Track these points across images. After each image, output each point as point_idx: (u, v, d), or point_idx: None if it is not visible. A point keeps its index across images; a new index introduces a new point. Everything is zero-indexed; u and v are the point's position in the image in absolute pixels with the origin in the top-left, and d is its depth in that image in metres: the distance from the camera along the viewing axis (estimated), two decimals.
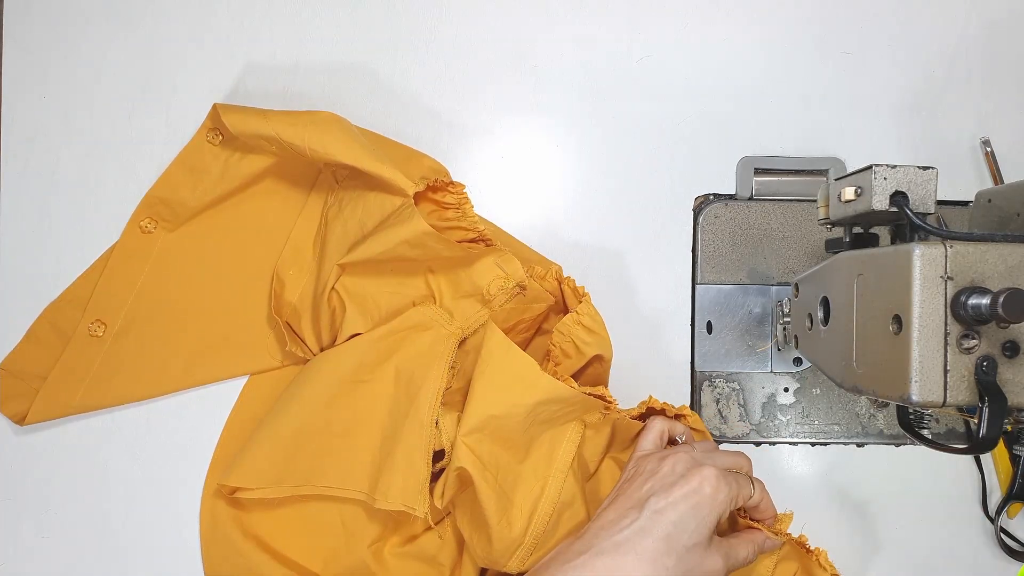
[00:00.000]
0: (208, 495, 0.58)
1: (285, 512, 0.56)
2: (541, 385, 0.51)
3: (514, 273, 0.55)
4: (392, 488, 0.51)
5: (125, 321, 0.58)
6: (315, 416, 0.54)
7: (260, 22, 0.61)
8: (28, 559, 0.58)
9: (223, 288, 0.59)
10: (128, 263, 0.58)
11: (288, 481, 0.53)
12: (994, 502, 0.61)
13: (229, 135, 0.56)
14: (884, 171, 0.43)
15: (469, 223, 0.56)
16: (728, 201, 0.62)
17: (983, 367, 0.39)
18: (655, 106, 0.62)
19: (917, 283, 0.39)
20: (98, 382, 0.57)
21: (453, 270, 0.56)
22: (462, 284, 0.55)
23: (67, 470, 0.58)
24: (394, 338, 0.54)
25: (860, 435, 0.61)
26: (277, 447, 0.53)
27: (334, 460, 0.54)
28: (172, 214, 0.58)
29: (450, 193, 0.56)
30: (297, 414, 0.54)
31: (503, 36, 0.62)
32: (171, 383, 0.58)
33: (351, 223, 0.55)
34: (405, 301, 0.56)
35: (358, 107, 0.61)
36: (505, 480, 0.51)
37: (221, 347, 0.59)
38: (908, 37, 0.63)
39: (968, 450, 0.45)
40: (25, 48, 0.60)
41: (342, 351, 0.55)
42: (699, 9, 0.63)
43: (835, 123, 0.63)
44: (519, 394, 0.51)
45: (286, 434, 0.53)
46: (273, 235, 0.59)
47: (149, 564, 0.58)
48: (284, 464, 0.53)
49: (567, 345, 0.56)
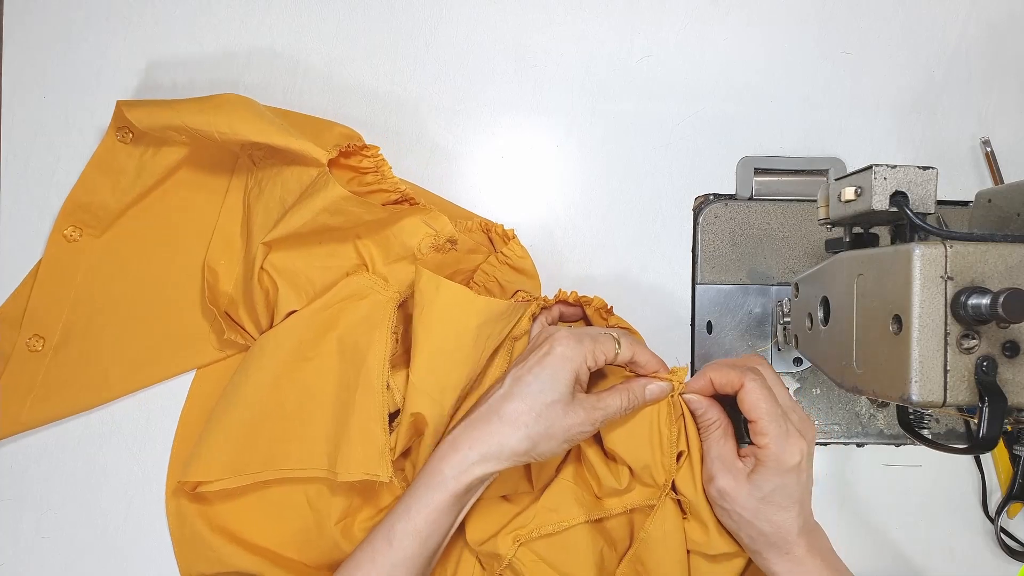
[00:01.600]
0: (170, 494, 0.57)
1: (250, 501, 0.55)
2: (477, 306, 0.51)
3: (443, 229, 0.54)
4: (352, 460, 0.51)
5: (63, 333, 0.57)
6: (265, 400, 0.53)
7: (260, 22, 0.61)
8: (28, 559, 0.58)
9: (158, 287, 0.58)
10: (58, 274, 0.57)
11: (247, 469, 0.53)
12: (994, 502, 0.61)
13: (139, 132, 0.56)
14: (884, 171, 0.43)
15: (390, 184, 0.55)
16: (728, 201, 0.62)
17: (983, 367, 0.39)
18: (655, 106, 0.62)
19: (917, 283, 0.39)
20: (44, 396, 0.57)
21: (382, 235, 0.55)
22: (392, 248, 0.55)
23: (67, 470, 0.58)
24: (331, 311, 0.54)
25: (860, 435, 0.61)
26: (231, 436, 0.53)
27: (290, 441, 0.53)
28: (95, 219, 0.57)
29: (365, 157, 0.55)
30: (246, 401, 0.53)
31: (503, 36, 0.62)
32: (117, 388, 0.58)
33: (272, 202, 0.55)
34: (338, 273, 0.55)
35: (358, 107, 0.61)
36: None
37: (163, 346, 0.58)
38: (908, 37, 0.63)
39: (968, 450, 0.45)
40: (25, 48, 0.60)
41: (281, 330, 0.54)
42: (699, 9, 0.63)
43: (835, 123, 0.63)
44: (460, 320, 0.51)
45: (239, 422, 0.53)
46: (201, 227, 0.58)
47: (149, 564, 0.58)
48: (241, 452, 0.53)
49: (491, 284, 0.56)
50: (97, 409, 0.58)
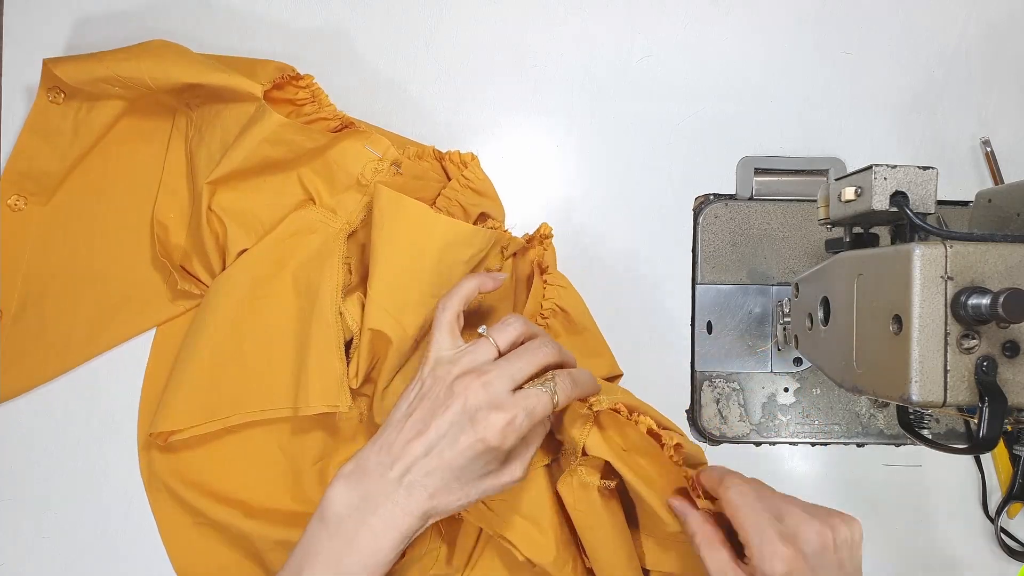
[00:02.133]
0: (141, 449, 0.57)
1: (222, 451, 0.55)
2: (440, 227, 0.51)
3: (386, 152, 0.54)
4: (311, 393, 0.51)
5: (19, 305, 0.57)
6: (224, 342, 0.53)
7: (259, 21, 0.61)
8: (28, 559, 0.58)
9: (110, 247, 0.58)
10: (8, 245, 0.57)
11: (215, 415, 0.53)
12: (994, 502, 0.61)
13: (70, 89, 0.55)
14: (884, 171, 0.43)
15: (329, 112, 0.55)
16: (728, 201, 0.62)
17: (983, 367, 0.39)
18: (655, 106, 0.62)
19: (917, 283, 0.39)
20: (7, 369, 0.57)
21: (323, 163, 0.55)
22: (337, 177, 0.55)
23: (67, 470, 0.58)
24: (282, 247, 0.54)
25: (860, 435, 0.61)
26: (196, 383, 0.53)
27: (254, 382, 0.53)
28: (39, 186, 0.57)
29: (300, 88, 0.55)
30: (207, 344, 0.53)
31: (503, 36, 0.62)
32: (79, 354, 0.58)
33: (214, 145, 0.54)
34: (285, 210, 0.55)
35: (358, 107, 0.61)
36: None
37: (122, 307, 0.58)
38: (908, 37, 0.63)
39: (968, 450, 0.45)
40: (25, 48, 0.60)
41: (233, 271, 0.54)
42: (699, 9, 0.63)
43: (835, 123, 0.63)
44: (421, 240, 0.50)
45: (201, 367, 0.53)
46: (146, 181, 0.57)
47: (149, 564, 0.58)
48: (207, 398, 0.53)
49: (453, 207, 0.55)
50: (97, 409, 0.58)
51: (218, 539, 0.56)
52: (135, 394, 0.59)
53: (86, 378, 0.59)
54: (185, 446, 0.55)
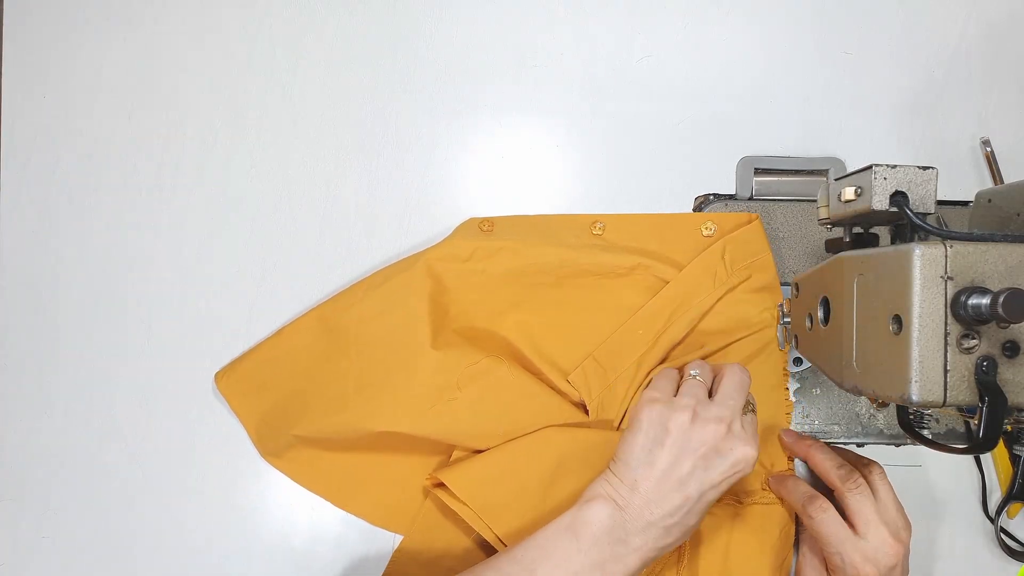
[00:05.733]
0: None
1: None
2: None
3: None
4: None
5: None
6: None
7: (260, 22, 0.61)
8: (28, 559, 0.58)
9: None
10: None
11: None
12: (994, 502, 0.61)
13: None
14: (884, 171, 0.43)
15: None
16: (728, 201, 0.62)
17: (983, 367, 0.39)
18: (655, 106, 0.62)
19: (917, 283, 0.39)
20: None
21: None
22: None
23: (67, 470, 0.58)
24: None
25: (860, 435, 0.61)
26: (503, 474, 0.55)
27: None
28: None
29: None
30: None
31: (503, 36, 0.62)
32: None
33: None
34: None
35: (358, 107, 0.61)
36: None
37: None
38: (908, 37, 0.63)
39: (968, 450, 0.45)
40: (25, 48, 0.60)
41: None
42: (699, 9, 0.63)
43: (835, 123, 0.63)
44: None
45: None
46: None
47: (149, 564, 0.58)
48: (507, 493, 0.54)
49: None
50: (97, 409, 0.58)
51: None
52: (135, 394, 0.59)
53: (86, 378, 0.59)
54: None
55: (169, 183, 0.60)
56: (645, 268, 0.58)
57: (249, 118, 0.61)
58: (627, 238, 0.60)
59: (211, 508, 0.58)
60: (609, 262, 0.58)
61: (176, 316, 0.60)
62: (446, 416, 0.54)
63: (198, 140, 0.60)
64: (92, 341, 0.59)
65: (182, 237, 0.60)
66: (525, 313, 0.58)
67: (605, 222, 0.60)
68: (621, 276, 0.58)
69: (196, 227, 0.60)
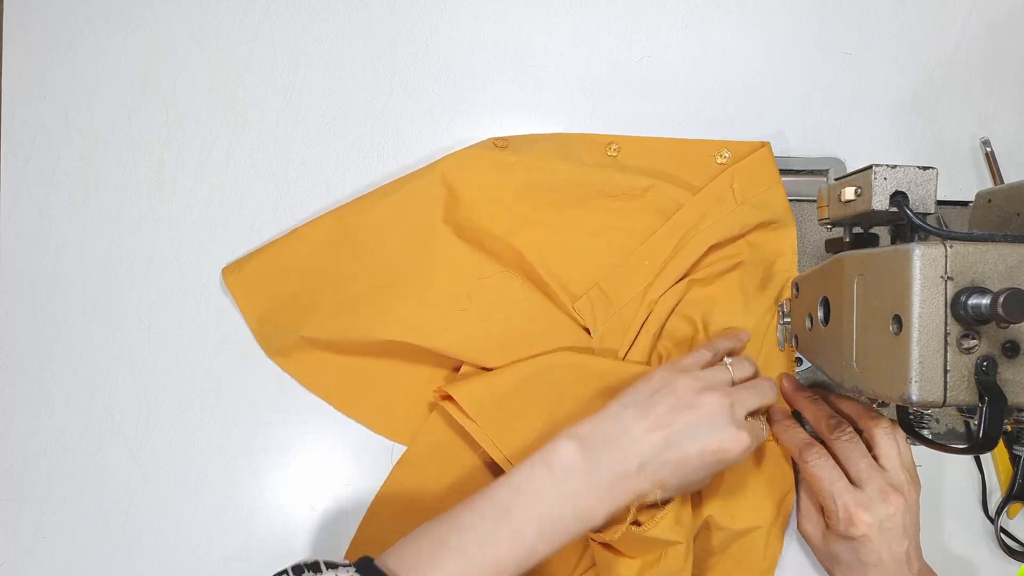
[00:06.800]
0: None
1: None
2: None
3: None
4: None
5: None
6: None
7: (260, 22, 0.61)
8: (28, 559, 0.58)
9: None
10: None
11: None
12: (994, 502, 0.61)
13: None
14: (884, 171, 0.43)
15: None
16: None
17: (983, 367, 0.39)
18: (655, 106, 0.62)
19: (917, 283, 0.39)
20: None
21: None
22: None
23: (67, 470, 0.58)
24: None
25: None
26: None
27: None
28: None
29: None
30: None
31: (503, 36, 0.62)
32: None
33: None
34: None
35: (358, 107, 0.61)
36: None
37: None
38: (908, 37, 0.63)
39: (968, 450, 0.45)
40: (25, 48, 0.60)
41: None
42: (699, 9, 0.63)
43: (835, 123, 0.63)
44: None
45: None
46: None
47: (149, 564, 0.58)
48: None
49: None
50: (97, 409, 0.58)
51: None
52: (135, 394, 0.59)
53: (86, 378, 0.59)
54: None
55: (169, 183, 0.60)
56: (658, 190, 0.58)
57: (249, 118, 0.61)
58: (642, 160, 0.60)
59: (211, 508, 0.58)
60: (623, 183, 0.58)
61: (176, 316, 0.60)
62: (456, 328, 0.54)
63: (198, 140, 0.60)
64: (92, 341, 0.59)
65: (182, 237, 0.60)
66: (538, 232, 0.57)
67: (620, 144, 0.60)
68: (634, 198, 0.58)
69: (196, 227, 0.60)
